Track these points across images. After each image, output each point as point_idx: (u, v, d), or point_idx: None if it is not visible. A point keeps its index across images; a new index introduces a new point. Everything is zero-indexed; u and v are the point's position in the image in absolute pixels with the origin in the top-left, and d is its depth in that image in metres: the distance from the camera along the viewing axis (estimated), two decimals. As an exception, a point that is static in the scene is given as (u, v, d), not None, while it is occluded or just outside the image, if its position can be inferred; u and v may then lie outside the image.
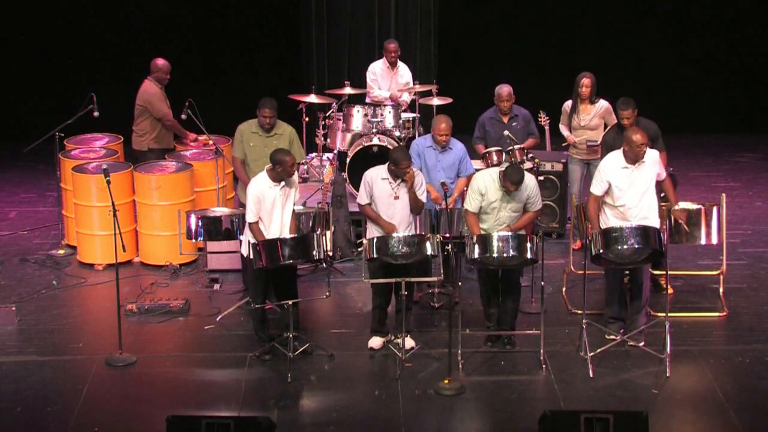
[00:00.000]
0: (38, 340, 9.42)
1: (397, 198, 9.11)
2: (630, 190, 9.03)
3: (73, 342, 9.42)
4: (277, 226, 8.99)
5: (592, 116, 10.97)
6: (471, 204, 9.08)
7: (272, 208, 8.96)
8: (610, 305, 9.38)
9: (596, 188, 9.14)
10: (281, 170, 8.88)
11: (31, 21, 14.47)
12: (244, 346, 9.25)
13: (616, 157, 9.11)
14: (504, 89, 10.81)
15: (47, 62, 14.47)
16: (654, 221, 9.07)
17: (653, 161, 9.12)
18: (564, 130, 11.15)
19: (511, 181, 8.88)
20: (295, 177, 9.13)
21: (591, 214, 9.19)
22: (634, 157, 9.00)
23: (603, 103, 10.98)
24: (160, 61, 11.24)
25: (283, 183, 8.96)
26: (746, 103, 15.11)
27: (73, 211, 11.07)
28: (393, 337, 9.17)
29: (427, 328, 9.62)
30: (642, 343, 9.12)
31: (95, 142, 11.78)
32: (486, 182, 9.03)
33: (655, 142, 9.81)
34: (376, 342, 9.28)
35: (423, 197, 9.21)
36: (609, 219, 9.13)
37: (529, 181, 9.06)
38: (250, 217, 8.96)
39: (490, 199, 9.01)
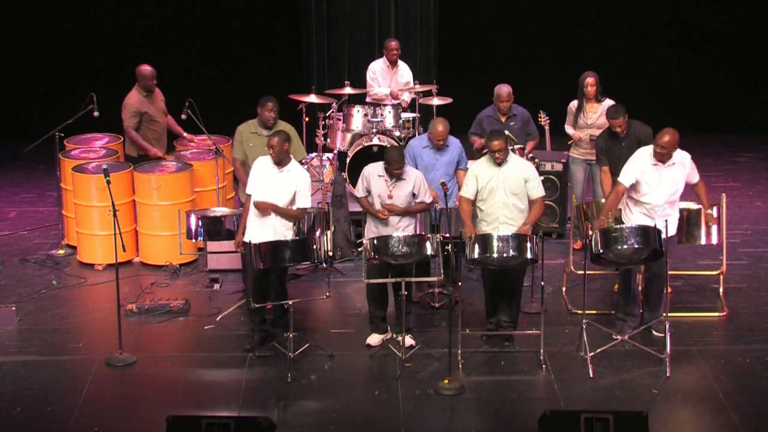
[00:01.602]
0: (38, 340, 9.42)
1: (390, 197, 9.14)
2: (658, 188, 9.02)
3: (73, 342, 9.42)
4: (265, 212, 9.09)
5: (598, 115, 10.92)
6: (465, 189, 9.11)
7: (266, 185, 9.06)
8: (623, 303, 9.34)
9: (625, 179, 9.06)
10: (272, 152, 9.04)
11: (31, 21, 14.46)
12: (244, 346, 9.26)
13: (648, 152, 9.08)
14: (503, 89, 10.81)
15: (47, 62, 14.47)
16: (675, 219, 9.12)
17: (684, 163, 9.07)
18: (569, 129, 11.11)
19: (491, 140, 8.93)
20: (304, 178, 9.15)
21: (608, 205, 9.20)
22: (660, 157, 8.99)
23: (609, 102, 10.95)
24: (143, 68, 11.12)
25: (285, 169, 9.05)
26: (746, 104, 15.10)
27: (73, 211, 11.08)
28: (394, 335, 9.18)
29: (427, 328, 9.62)
30: (662, 334, 9.04)
31: (95, 142, 11.78)
32: (479, 164, 9.12)
33: (643, 144, 9.84)
34: (374, 339, 9.29)
35: (426, 197, 9.23)
36: (634, 215, 9.12)
37: (525, 163, 9.14)
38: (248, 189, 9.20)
39: (485, 178, 9.01)
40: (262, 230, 9.03)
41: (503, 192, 9.02)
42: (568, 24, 14.75)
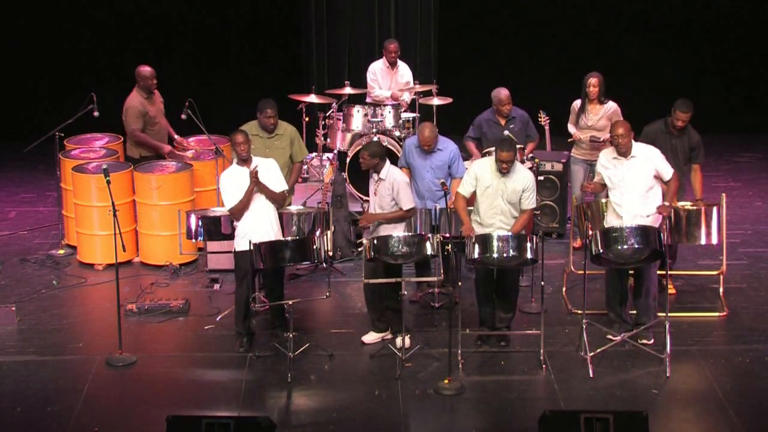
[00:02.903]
0: (38, 340, 9.42)
1: (375, 194, 9.18)
2: (621, 185, 9.03)
3: (73, 342, 9.42)
4: (259, 211, 9.08)
5: (600, 117, 10.91)
6: (463, 187, 9.11)
7: (244, 188, 9.06)
8: (611, 306, 9.37)
9: (596, 176, 9.38)
10: (243, 150, 9.04)
11: (31, 21, 14.46)
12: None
13: (610, 149, 9.18)
14: (503, 92, 10.72)
15: (47, 62, 14.47)
16: (652, 221, 9.04)
17: (648, 157, 9.07)
18: (571, 128, 11.08)
19: (501, 149, 8.88)
20: (271, 164, 9.19)
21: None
22: (617, 150, 9.06)
23: (611, 105, 10.91)
24: (143, 69, 11.11)
25: (252, 166, 9.04)
26: (746, 103, 15.10)
27: (73, 211, 11.08)
28: (394, 335, 9.18)
29: (427, 328, 9.62)
30: (652, 341, 9.08)
31: (95, 142, 11.78)
32: (482, 167, 9.09)
33: (693, 151, 9.83)
34: (369, 337, 9.30)
35: (404, 205, 9.17)
36: (608, 217, 9.14)
37: (527, 174, 9.08)
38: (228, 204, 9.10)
39: (485, 183, 9.00)
40: (259, 230, 9.04)
41: (501, 200, 9.01)
42: (568, 24, 14.74)
